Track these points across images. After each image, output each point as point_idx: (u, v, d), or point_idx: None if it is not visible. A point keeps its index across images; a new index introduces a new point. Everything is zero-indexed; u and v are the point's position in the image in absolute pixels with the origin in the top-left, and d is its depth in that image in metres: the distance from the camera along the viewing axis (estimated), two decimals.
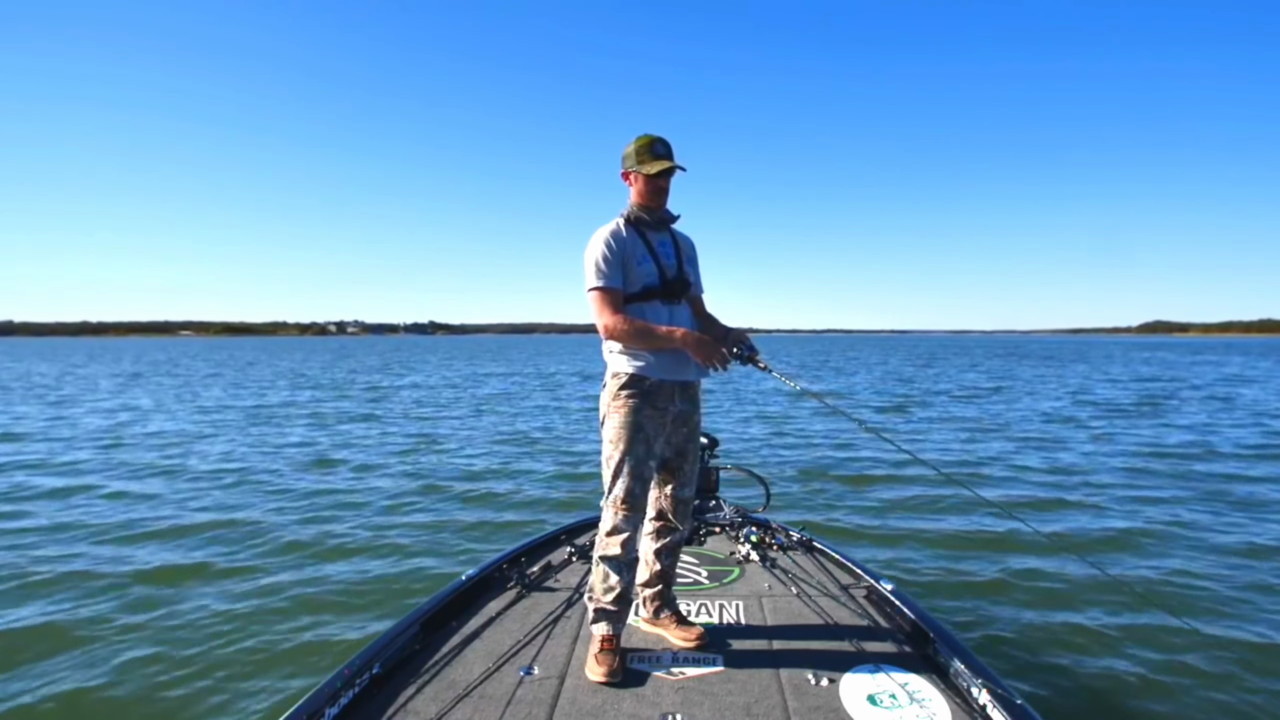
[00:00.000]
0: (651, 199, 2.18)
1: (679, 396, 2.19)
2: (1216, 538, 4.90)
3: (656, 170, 2.12)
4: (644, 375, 2.11)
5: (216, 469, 7.62)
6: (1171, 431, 10.21)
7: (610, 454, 2.13)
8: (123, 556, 4.54)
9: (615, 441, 2.11)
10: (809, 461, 8.05)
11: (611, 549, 2.14)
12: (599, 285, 2.08)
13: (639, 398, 2.11)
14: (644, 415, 2.11)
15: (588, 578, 2.81)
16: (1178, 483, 6.74)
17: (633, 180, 2.19)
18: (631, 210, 2.20)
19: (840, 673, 2.06)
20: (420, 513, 5.74)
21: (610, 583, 2.14)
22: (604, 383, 2.20)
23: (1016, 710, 1.80)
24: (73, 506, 5.92)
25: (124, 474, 7.37)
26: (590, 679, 2.04)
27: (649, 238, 2.18)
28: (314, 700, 1.78)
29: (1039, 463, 7.81)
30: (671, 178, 2.18)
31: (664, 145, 2.15)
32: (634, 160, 2.15)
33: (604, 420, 2.16)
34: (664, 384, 2.14)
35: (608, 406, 2.15)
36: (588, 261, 2.11)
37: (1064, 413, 12.72)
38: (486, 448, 9.15)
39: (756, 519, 3.51)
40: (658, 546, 2.34)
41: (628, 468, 2.10)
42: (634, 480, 2.11)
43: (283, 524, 5.35)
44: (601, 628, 2.15)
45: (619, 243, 2.12)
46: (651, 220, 2.20)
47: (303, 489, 6.62)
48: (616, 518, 2.13)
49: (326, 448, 9.12)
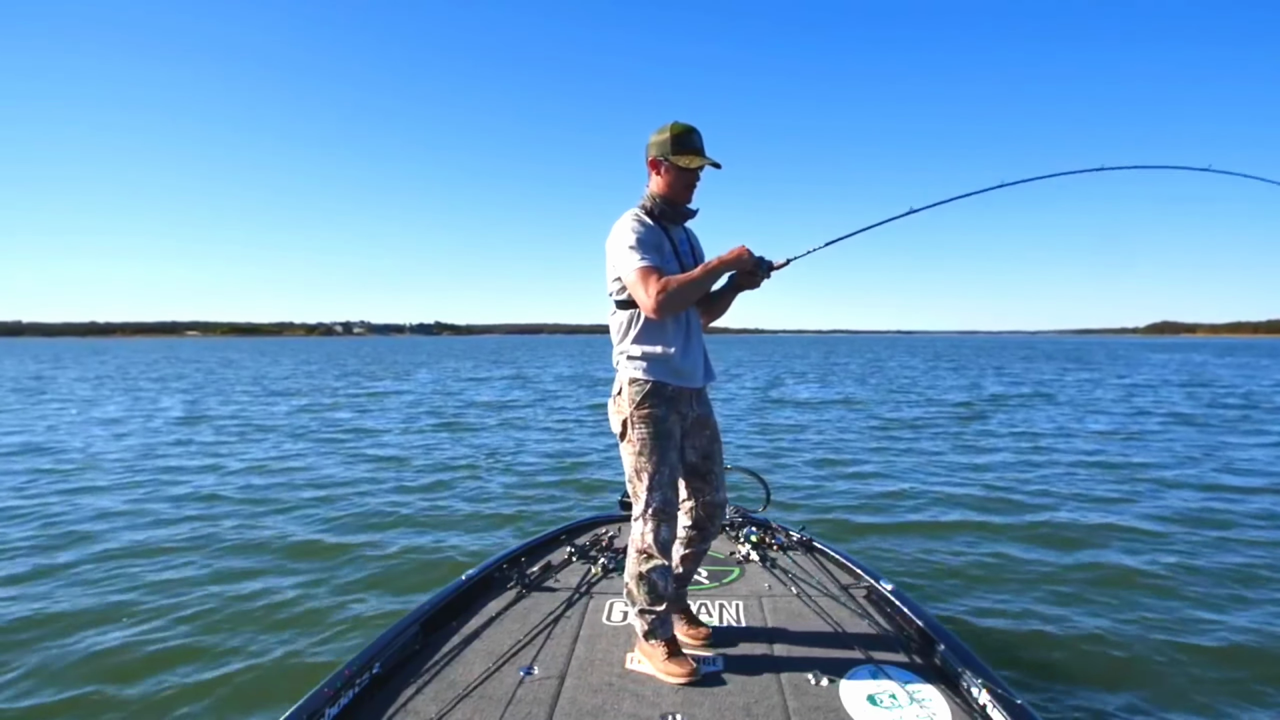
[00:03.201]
0: (681, 193, 2.07)
1: (695, 400, 2.16)
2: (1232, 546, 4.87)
3: (695, 165, 2.01)
4: (665, 382, 2.04)
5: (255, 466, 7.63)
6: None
7: (642, 467, 2.04)
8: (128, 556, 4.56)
9: (646, 454, 2.03)
10: (809, 461, 8.04)
11: (655, 560, 2.07)
12: (644, 264, 1.94)
13: (663, 406, 2.04)
14: (670, 423, 2.05)
15: (588, 577, 2.82)
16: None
17: (662, 170, 2.05)
18: (655, 202, 2.08)
19: (840, 673, 2.06)
20: (420, 513, 5.75)
21: (658, 591, 2.09)
22: (617, 390, 2.10)
23: (1016, 710, 1.80)
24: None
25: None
26: (673, 683, 2.01)
27: (670, 234, 2.10)
28: (314, 700, 1.79)
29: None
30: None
31: (699, 137, 2.04)
32: (668, 149, 2.01)
33: (624, 433, 2.06)
34: (683, 391, 2.09)
35: (630, 418, 2.04)
36: (620, 245, 1.99)
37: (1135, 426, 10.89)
38: (487, 447, 9.18)
39: (756, 519, 3.50)
40: (686, 553, 2.33)
41: (662, 478, 2.05)
42: (670, 489, 2.07)
43: (282, 525, 5.38)
44: (661, 634, 2.11)
45: (649, 231, 2.02)
46: (674, 215, 2.10)
47: (302, 492, 6.64)
48: (659, 530, 2.06)
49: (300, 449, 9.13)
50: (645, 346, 2.05)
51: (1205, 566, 4.30)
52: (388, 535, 5.08)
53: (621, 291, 2.06)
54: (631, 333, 2.07)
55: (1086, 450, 8.63)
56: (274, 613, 3.67)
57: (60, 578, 4.17)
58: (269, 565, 4.43)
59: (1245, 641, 3.30)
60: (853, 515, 5.61)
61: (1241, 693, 2.87)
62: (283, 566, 4.40)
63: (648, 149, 2.07)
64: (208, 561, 4.47)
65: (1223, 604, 3.74)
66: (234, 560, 4.51)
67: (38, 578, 4.18)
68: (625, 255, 1.97)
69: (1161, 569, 4.26)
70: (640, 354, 2.05)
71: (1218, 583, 4.04)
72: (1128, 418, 11.90)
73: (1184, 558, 4.47)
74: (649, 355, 2.04)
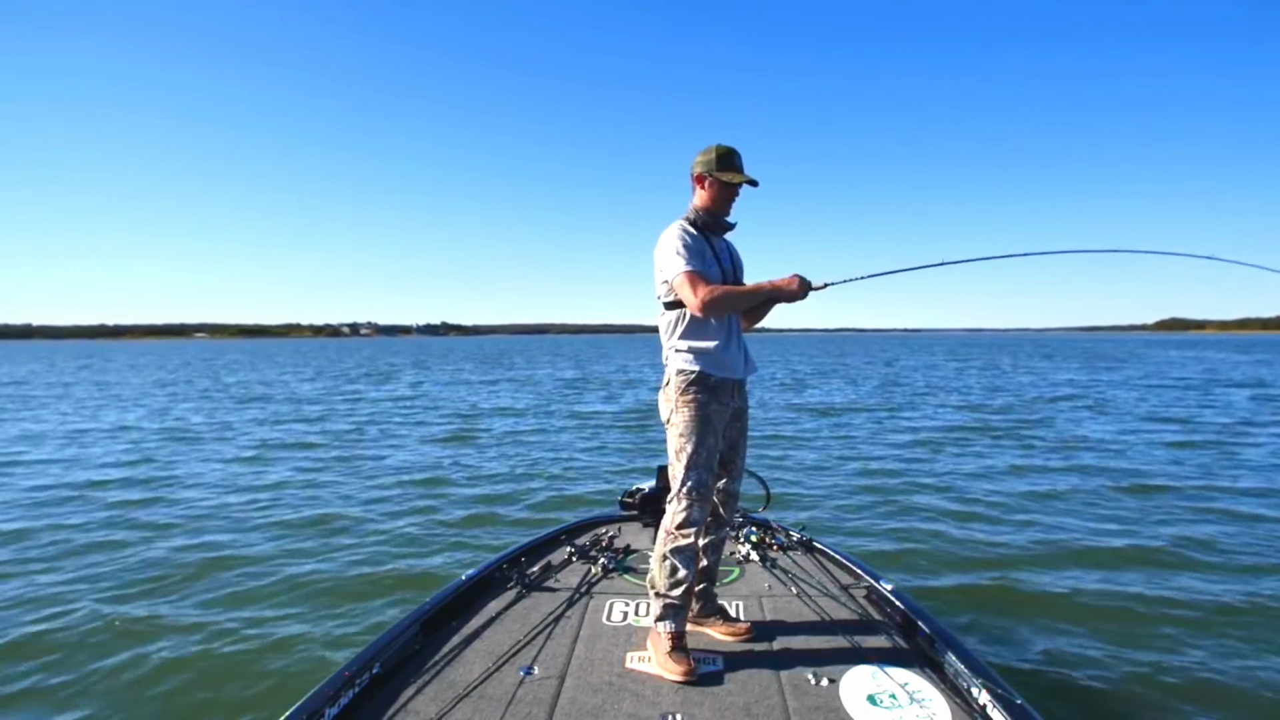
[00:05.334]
0: (723, 206, 2.29)
1: (736, 393, 2.33)
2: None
3: (737, 181, 2.24)
4: (709, 373, 2.21)
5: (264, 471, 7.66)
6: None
7: (682, 447, 2.20)
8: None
9: (687, 435, 2.19)
10: (809, 461, 8.03)
11: (683, 540, 2.20)
12: (689, 268, 2.15)
13: (705, 393, 2.21)
14: (711, 409, 2.21)
15: (588, 577, 2.82)
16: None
17: (707, 185, 2.27)
18: (698, 215, 2.29)
19: (840, 673, 2.06)
20: (420, 513, 5.77)
21: (678, 576, 2.19)
22: (666, 381, 2.29)
23: (1016, 710, 1.79)
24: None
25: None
26: (669, 679, 2.05)
27: (712, 243, 2.29)
28: (314, 700, 1.80)
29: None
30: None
31: (740, 159, 2.26)
32: (715, 166, 2.23)
33: (670, 418, 2.24)
34: (725, 381, 2.25)
35: (675, 403, 2.22)
36: (668, 251, 2.19)
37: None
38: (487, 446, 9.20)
39: (756, 519, 3.50)
40: (705, 542, 2.40)
41: (700, 460, 2.19)
42: (705, 471, 2.21)
43: (283, 525, 5.41)
44: (668, 625, 2.18)
45: (694, 239, 2.22)
46: (715, 226, 2.31)
47: (302, 492, 6.67)
48: (691, 510, 2.20)
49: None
50: (691, 341, 2.24)
51: (1214, 569, 4.27)
52: (388, 535, 5.10)
53: (669, 294, 2.24)
54: (679, 330, 2.26)
55: (1132, 467, 7.46)
56: (274, 613, 3.69)
57: (60, 579, 4.22)
58: (269, 565, 4.45)
59: (1249, 643, 3.27)
60: (853, 515, 5.60)
61: (1243, 692, 2.85)
62: (283, 566, 4.42)
63: (693, 166, 2.29)
64: (205, 562, 4.50)
65: (1227, 605, 3.71)
66: (233, 560, 4.53)
67: (39, 578, 4.22)
68: (673, 259, 2.18)
69: (1163, 578, 4.23)
70: (687, 348, 2.24)
71: (1223, 586, 4.01)
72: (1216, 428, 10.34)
73: (1201, 576, 4.36)
74: (694, 349, 2.23)
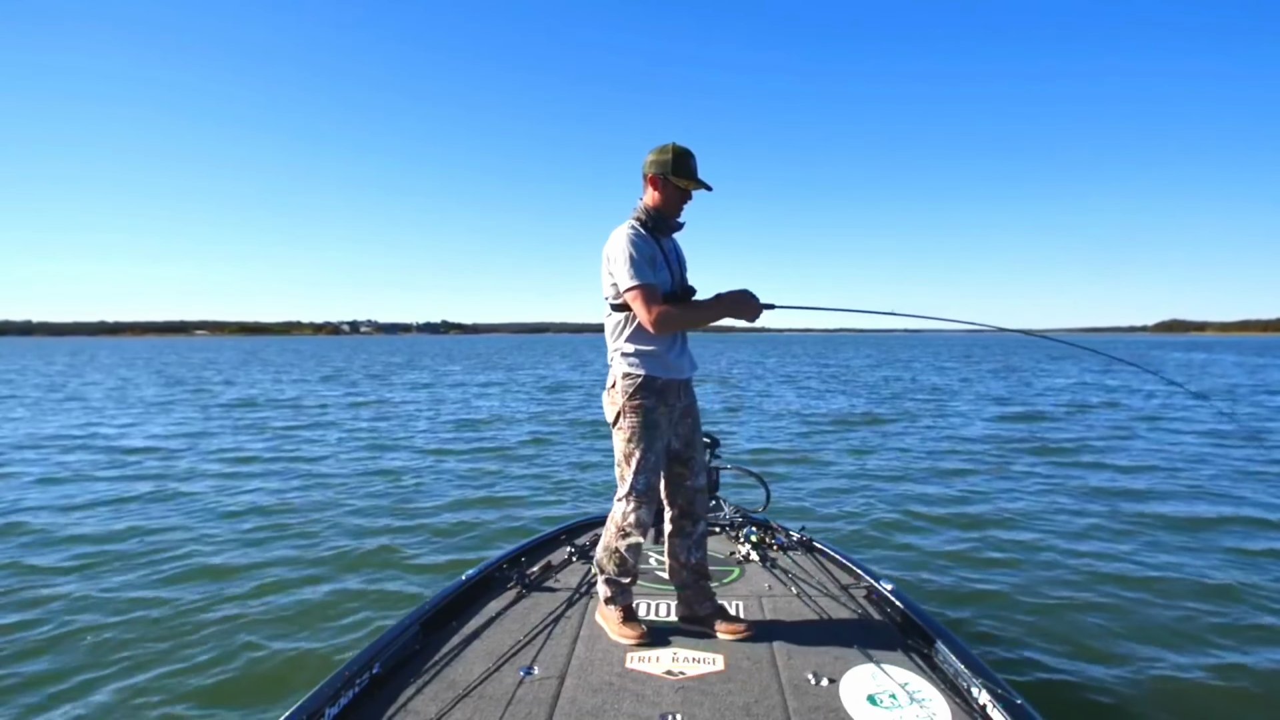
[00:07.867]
0: (675, 208, 2.27)
1: (683, 392, 2.34)
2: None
3: (694, 187, 2.23)
4: (655, 375, 2.22)
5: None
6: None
7: (630, 452, 2.24)
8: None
9: (635, 441, 2.23)
10: (810, 461, 8.03)
11: (633, 538, 2.30)
12: (640, 283, 2.13)
13: (652, 397, 2.22)
14: (658, 413, 2.24)
15: (588, 577, 2.82)
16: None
17: (659, 186, 2.23)
18: (648, 214, 2.26)
19: (840, 673, 2.06)
20: (419, 513, 5.77)
21: (627, 566, 2.33)
22: (611, 384, 2.29)
23: (1016, 710, 1.79)
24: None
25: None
26: (625, 644, 2.22)
27: (661, 244, 2.26)
28: (314, 700, 1.79)
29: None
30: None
31: (695, 161, 2.24)
32: (669, 168, 2.19)
33: (616, 421, 2.26)
34: (672, 382, 2.26)
35: (622, 407, 2.23)
36: (619, 260, 2.16)
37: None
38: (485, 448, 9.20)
39: (756, 519, 3.50)
40: (685, 542, 2.43)
41: (649, 464, 2.24)
42: (652, 474, 2.27)
43: (282, 526, 5.41)
44: (620, 601, 2.34)
45: (645, 244, 2.19)
46: (665, 227, 2.28)
47: (300, 492, 6.67)
48: (639, 511, 2.26)
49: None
50: (637, 344, 2.24)
51: (1219, 574, 4.27)
52: (387, 535, 5.09)
53: (617, 296, 2.22)
54: (625, 332, 2.26)
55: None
56: (273, 614, 3.68)
57: (62, 575, 4.22)
58: (267, 567, 4.44)
59: (1251, 643, 3.27)
60: (853, 516, 5.59)
61: (1244, 692, 2.85)
62: (281, 567, 4.42)
63: (646, 165, 2.24)
64: (204, 562, 4.49)
65: (1227, 606, 3.71)
66: (232, 562, 4.52)
67: (36, 578, 4.22)
68: (621, 272, 2.16)
69: (1167, 574, 4.23)
70: (633, 351, 2.24)
71: (1222, 584, 4.00)
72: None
73: (1203, 576, 4.21)
74: (641, 352, 2.23)
